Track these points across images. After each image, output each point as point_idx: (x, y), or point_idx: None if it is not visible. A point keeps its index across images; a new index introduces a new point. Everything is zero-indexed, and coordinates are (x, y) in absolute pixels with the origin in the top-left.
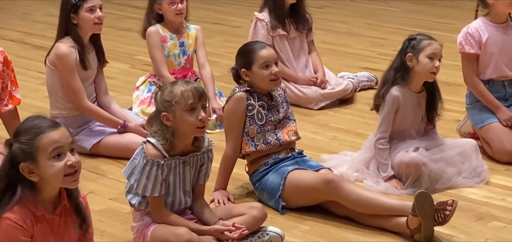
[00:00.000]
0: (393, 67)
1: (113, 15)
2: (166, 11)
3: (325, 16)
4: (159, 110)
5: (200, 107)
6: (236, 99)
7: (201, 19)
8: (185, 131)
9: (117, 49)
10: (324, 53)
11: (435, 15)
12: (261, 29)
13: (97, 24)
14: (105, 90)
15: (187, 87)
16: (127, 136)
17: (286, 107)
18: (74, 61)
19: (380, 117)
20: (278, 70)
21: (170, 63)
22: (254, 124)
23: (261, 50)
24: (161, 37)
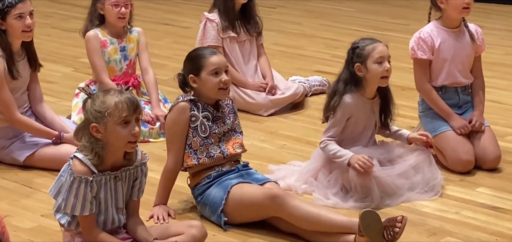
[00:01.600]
0: (342, 79)
1: (58, 15)
2: (108, 13)
3: (277, 16)
4: (88, 120)
5: (134, 120)
6: (179, 109)
7: (148, 19)
8: (116, 145)
9: (60, 52)
10: (276, 55)
11: (390, 16)
12: (211, 30)
13: (25, 32)
14: (40, 97)
15: (121, 98)
16: (62, 147)
17: (233, 118)
18: (1, 72)
19: (330, 121)
20: (228, 79)
21: (111, 69)
22: (197, 136)
23: (212, 56)
24: (101, 42)
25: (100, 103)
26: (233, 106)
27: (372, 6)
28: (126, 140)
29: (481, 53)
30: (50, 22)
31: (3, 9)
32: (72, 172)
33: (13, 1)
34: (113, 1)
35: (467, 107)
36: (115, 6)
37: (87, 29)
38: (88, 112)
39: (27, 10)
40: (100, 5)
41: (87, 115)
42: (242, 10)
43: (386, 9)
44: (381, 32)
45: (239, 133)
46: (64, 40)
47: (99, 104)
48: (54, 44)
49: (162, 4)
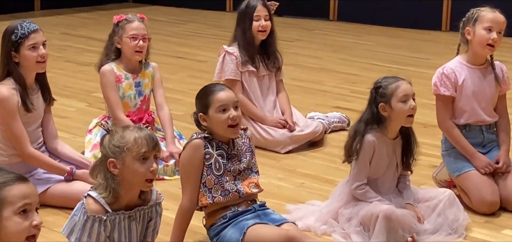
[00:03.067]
0: (364, 120)
1: (72, 48)
2: (125, 46)
3: (295, 50)
4: (106, 156)
5: (152, 157)
6: (193, 147)
7: (162, 53)
8: (133, 181)
9: (74, 86)
10: (294, 90)
11: (410, 50)
12: (230, 64)
13: (40, 62)
14: (54, 133)
15: (140, 134)
16: (75, 184)
17: (249, 157)
18: (15, 104)
19: (354, 165)
20: (237, 115)
21: (126, 105)
22: (212, 174)
23: (219, 92)
24: (116, 77)
25: (119, 138)
26: (251, 144)
27: (391, 39)
28: (144, 177)
29: (506, 92)
30: (63, 56)
31: (17, 41)
32: (86, 211)
33: (26, 31)
34: (131, 34)
35: (492, 146)
36: (133, 39)
37: (103, 63)
38: (106, 147)
39: (40, 40)
40: (117, 39)
41: (105, 151)
42: (262, 44)
43: (405, 43)
44: (401, 66)
45: (255, 173)
46: (78, 74)
47: (118, 139)
48: (68, 78)
49: (176, 36)
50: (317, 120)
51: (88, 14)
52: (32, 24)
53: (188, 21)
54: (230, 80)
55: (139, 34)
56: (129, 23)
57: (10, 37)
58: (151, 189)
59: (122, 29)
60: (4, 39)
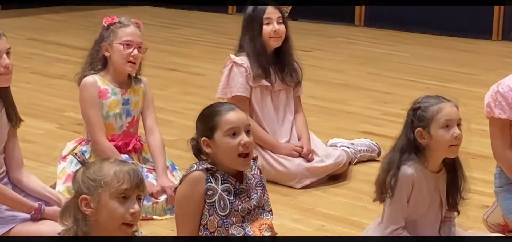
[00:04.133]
0: (398, 148)
1: (41, 57)
2: (115, 54)
3: (314, 62)
4: (78, 193)
5: (134, 197)
6: (192, 181)
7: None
8: (107, 226)
9: (43, 103)
10: (312, 111)
11: (454, 63)
12: (238, 77)
13: (2, 74)
14: (20, 161)
15: (123, 168)
16: (44, 225)
17: (260, 193)
18: None
19: (389, 204)
20: (249, 141)
21: (109, 126)
22: (215, 214)
23: (228, 112)
24: (100, 91)
25: (95, 170)
26: (262, 178)
27: (431, 50)
28: (121, 220)
29: None
30: (30, 66)
31: None
32: None
33: None
34: (124, 40)
35: None
36: (126, 46)
37: (85, 74)
38: (78, 182)
39: (3, 48)
40: (106, 45)
41: (77, 186)
42: (275, 53)
43: (449, 54)
44: (443, 83)
45: (268, 212)
46: (47, 89)
47: (95, 171)
48: (35, 94)
49: (168, 44)
50: (340, 148)
51: (59, 16)
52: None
53: (181, 25)
54: (238, 97)
55: (134, 41)
56: (123, 27)
57: None
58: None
59: (114, 34)
60: None
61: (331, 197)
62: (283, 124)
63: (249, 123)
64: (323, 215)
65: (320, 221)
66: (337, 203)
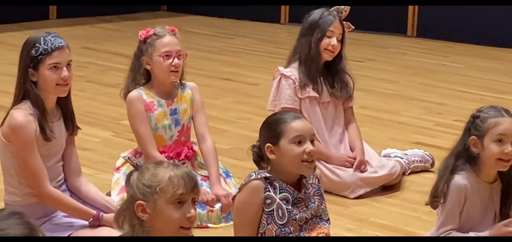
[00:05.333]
0: (455, 153)
1: (95, 66)
2: (157, 66)
3: (366, 72)
4: (133, 198)
5: (190, 201)
6: (251, 189)
7: (203, 73)
8: (165, 230)
9: (98, 111)
10: (364, 122)
11: (508, 74)
12: (287, 89)
13: (60, 85)
14: (77, 169)
15: (177, 172)
16: (102, 231)
17: (318, 202)
18: (32, 134)
19: (442, 212)
20: (314, 149)
21: (159, 138)
22: (273, 223)
23: (294, 121)
24: (146, 105)
25: (150, 176)
26: (320, 187)
27: (486, 61)
28: (178, 225)
29: None
30: (85, 75)
31: (36, 57)
32: None
33: (49, 47)
34: (163, 51)
35: None
36: (166, 57)
37: (129, 89)
38: (133, 187)
39: (64, 60)
40: (146, 59)
41: (132, 191)
42: (326, 65)
43: (504, 66)
44: (498, 95)
45: (326, 221)
46: (102, 97)
47: (149, 178)
48: (90, 102)
49: (221, 53)
50: (394, 159)
51: (113, 25)
52: (58, 38)
53: (234, 35)
54: (287, 109)
55: (173, 50)
56: (160, 38)
57: (30, 51)
58: None
59: (152, 47)
60: (23, 53)
61: (385, 207)
62: (331, 136)
63: (313, 132)
64: (377, 225)
65: (374, 231)
66: (391, 213)
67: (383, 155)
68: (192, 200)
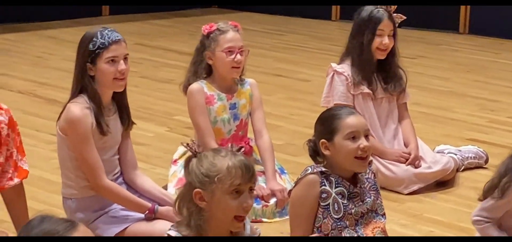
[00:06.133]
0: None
1: (149, 62)
2: (219, 62)
3: (419, 69)
4: (191, 185)
5: (247, 191)
6: (307, 184)
7: (256, 69)
8: (222, 218)
9: (152, 107)
10: (417, 118)
11: None
12: (339, 85)
13: (117, 79)
14: (133, 163)
15: (235, 162)
16: (157, 224)
17: (374, 197)
18: (89, 127)
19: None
20: (368, 145)
21: (218, 131)
22: (329, 216)
23: (348, 116)
24: (206, 98)
25: (208, 165)
26: (376, 181)
27: None
28: (234, 214)
29: None
30: (138, 71)
31: (94, 51)
32: None
33: (106, 41)
34: (226, 47)
35: None
36: (229, 53)
37: (190, 83)
38: (192, 174)
39: (121, 53)
40: (208, 53)
41: (190, 178)
42: (380, 62)
43: None
44: None
45: (381, 216)
46: (156, 93)
47: (208, 167)
48: (144, 98)
49: (273, 50)
50: (447, 155)
51: (165, 21)
52: (114, 32)
53: (286, 32)
54: (340, 106)
55: (235, 46)
56: (223, 34)
57: (87, 46)
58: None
59: (215, 42)
60: (80, 47)
61: (439, 203)
62: (385, 132)
63: (368, 128)
64: (432, 221)
65: (428, 227)
66: (446, 209)
67: (437, 151)
68: (249, 189)
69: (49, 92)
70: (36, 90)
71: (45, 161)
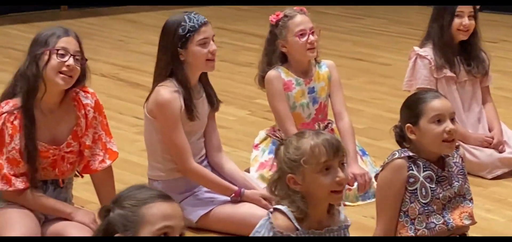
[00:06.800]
0: None
1: (229, 45)
2: (293, 47)
3: (501, 53)
4: (283, 171)
5: (336, 165)
6: (394, 168)
7: (335, 53)
8: (318, 196)
9: (233, 90)
10: (500, 102)
11: None
12: (422, 69)
13: (210, 60)
14: (218, 145)
15: (317, 141)
16: (243, 207)
17: (462, 181)
18: (177, 110)
19: None
20: (454, 128)
21: (297, 116)
22: (416, 201)
23: (433, 100)
24: (284, 84)
25: (294, 150)
26: (463, 166)
27: None
28: (329, 189)
29: None
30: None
31: (185, 35)
32: (273, 226)
33: (196, 24)
34: (298, 31)
35: None
36: (301, 36)
37: (265, 72)
38: (282, 162)
39: (210, 34)
40: (281, 42)
41: (280, 165)
42: (462, 44)
43: None
44: None
45: (469, 201)
46: (237, 76)
47: (293, 151)
48: (225, 81)
49: (352, 34)
50: None
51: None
52: (200, 15)
53: (364, 16)
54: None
55: (306, 28)
56: (291, 19)
57: (176, 31)
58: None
59: (285, 29)
60: (167, 34)
61: None
62: (468, 115)
63: (453, 111)
64: None
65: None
66: None
67: None
68: (339, 163)
69: (131, 76)
70: (119, 74)
71: (129, 144)
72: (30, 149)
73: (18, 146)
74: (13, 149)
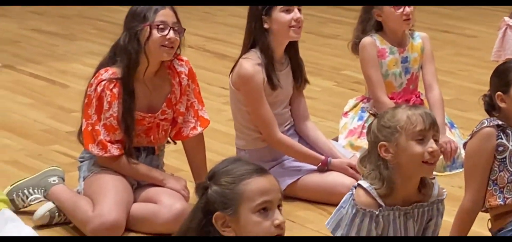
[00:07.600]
0: None
1: (314, 18)
2: (389, 17)
3: None
4: (375, 142)
5: (430, 137)
6: (483, 137)
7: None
8: (410, 166)
9: (319, 62)
10: None
11: None
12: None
13: (294, 27)
14: (305, 114)
15: (414, 111)
16: (330, 175)
17: None
18: (260, 83)
19: None
20: None
21: (389, 84)
22: (505, 170)
23: None
24: (378, 51)
25: (389, 117)
26: None
27: None
28: (421, 160)
29: None
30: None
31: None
32: (355, 203)
33: None
34: None
35: None
36: (397, 7)
37: (359, 39)
38: (374, 132)
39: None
40: (377, 11)
41: (373, 137)
42: None
43: None
44: None
45: None
46: (323, 48)
47: (388, 118)
48: (311, 53)
49: (441, 7)
50: None
51: None
52: None
53: None
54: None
55: None
56: None
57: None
58: (432, 183)
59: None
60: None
61: None
62: None
63: None
64: None
65: None
66: None
67: None
68: (433, 137)
69: (218, 47)
70: (206, 45)
71: (217, 113)
72: (128, 121)
73: (115, 113)
74: (111, 116)
